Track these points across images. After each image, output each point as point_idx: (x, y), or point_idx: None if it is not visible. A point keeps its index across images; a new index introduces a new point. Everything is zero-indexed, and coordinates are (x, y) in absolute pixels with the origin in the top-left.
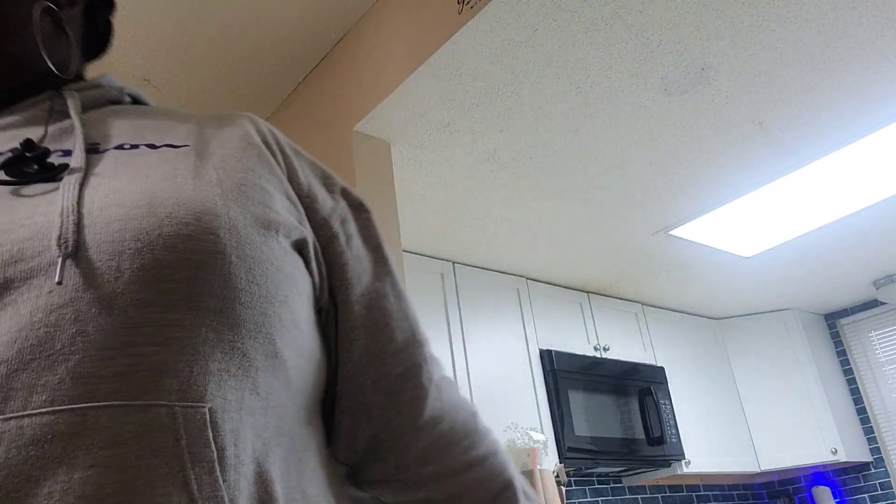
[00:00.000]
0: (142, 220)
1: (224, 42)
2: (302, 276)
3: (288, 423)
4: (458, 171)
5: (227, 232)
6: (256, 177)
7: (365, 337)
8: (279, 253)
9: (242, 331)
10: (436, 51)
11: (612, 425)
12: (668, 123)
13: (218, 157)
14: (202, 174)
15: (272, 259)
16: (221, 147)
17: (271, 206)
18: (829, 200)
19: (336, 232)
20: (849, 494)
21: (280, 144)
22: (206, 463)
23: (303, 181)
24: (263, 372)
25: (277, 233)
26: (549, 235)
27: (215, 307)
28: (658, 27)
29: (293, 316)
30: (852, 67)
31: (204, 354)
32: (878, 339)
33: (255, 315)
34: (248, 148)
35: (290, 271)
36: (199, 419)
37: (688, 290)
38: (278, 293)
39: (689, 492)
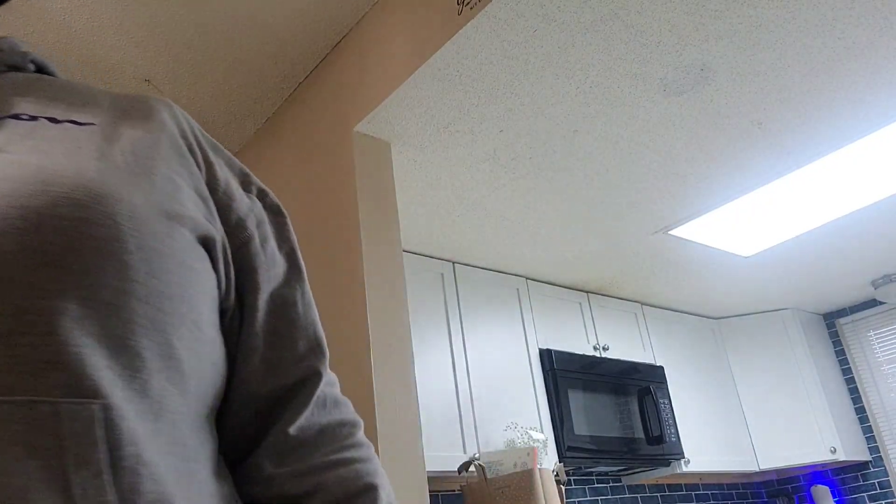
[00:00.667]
0: (31, 197)
1: (224, 42)
2: (207, 274)
3: (181, 430)
4: (458, 172)
5: (127, 219)
6: (166, 167)
7: (265, 345)
8: (184, 247)
9: (137, 328)
10: (436, 51)
11: (612, 424)
12: (668, 123)
13: (126, 140)
14: (107, 156)
15: (175, 253)
16: (132, 131)
17: (178, 199)
18: (828, 200)
19: (251, 234)
20: (847, 493)
21: (198, 138)
22: (92, 465)
23: (220, 178)
24: (158, 374)
25: (183, 226)
26: (549, 235)
27: (109, 299)
28: (657, 28)
29: (194, 315)
30: (851, 68)
31: (93, 348)
32: (876, 338)
33: (150, 311)
34: (162, 137)
35: (194, 267)
36: (87, 417)
37: (687, 290)
38: (179, 290)
39: (689, 491)
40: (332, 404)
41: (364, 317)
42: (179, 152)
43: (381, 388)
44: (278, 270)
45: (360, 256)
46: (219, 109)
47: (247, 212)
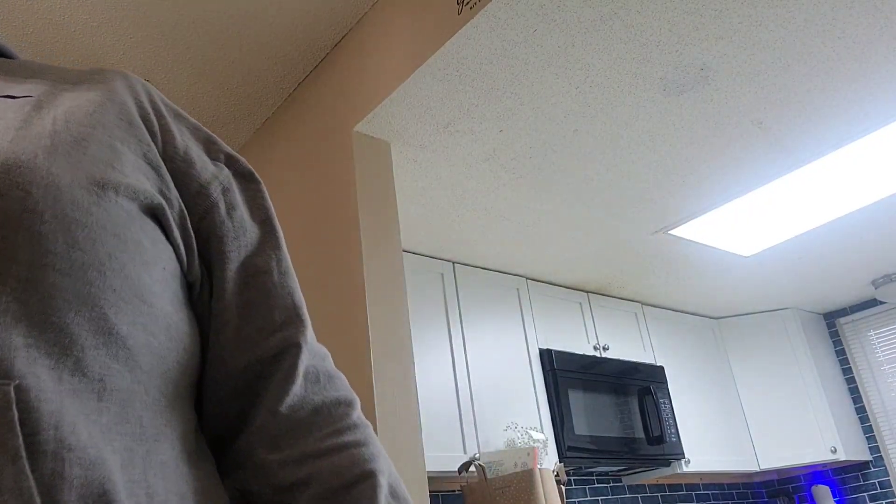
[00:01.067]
0: None
1: (224, 42)
2: (155, 245)
3: (135, 409)
4: (458, 171)
5: (42, 188)
6: (106, 134)
7: (238, 318)
8: (116, 216)
9: (59, 302)
10: (436, 51)
11: (612, 424)
12: (668, 123)
13: (63, 109)
14: (32, 125)
15: (104, 223)
16: (72, 100)
17: (115, 167)
18: (828, 200)
19: (215, 201)
20: (848, 493)
21: (156, 105)
22: (8, 451)
23: (179, 146)
24: (93, 350)
25: (117, 194)
26: (549, 235)
27: (21, 274)
28: (657, 27)
29: (135, 289)
30: (851, 67)
31: (7, 326)
32: (876, 338)
33: (75, 284)
34: (107, 104)
35: (132, 238)
36: (1, 398)
37: (687, 290)
38: (111, 261)
39: (689, 490)
40: (326, 379)
41: (364, 317)
42: (128, 120)
43: (381, 389)
44: (249, 238)
45: (360, 256)
46: (219, 109)
47: (209, 179)
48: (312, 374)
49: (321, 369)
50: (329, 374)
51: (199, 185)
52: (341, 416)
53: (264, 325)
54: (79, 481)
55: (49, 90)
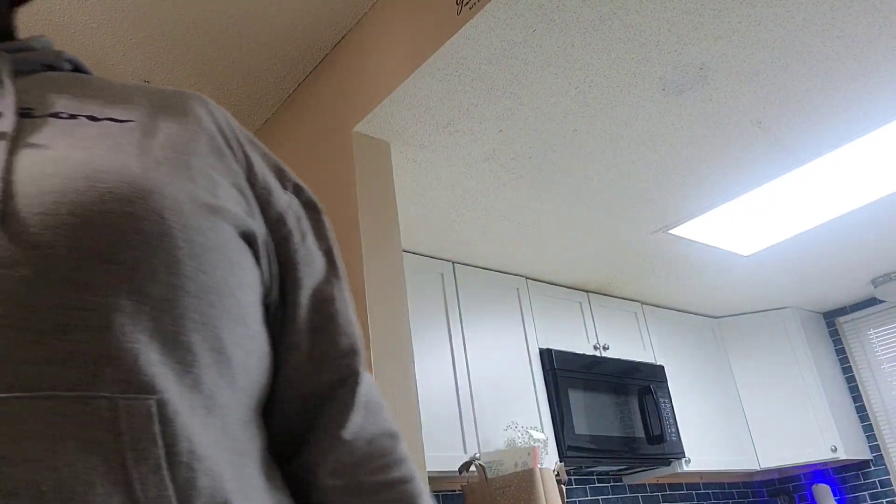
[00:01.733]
0: (80, 193)
1: (224, 43)
2: (250, 269)
3: (231, 424)
4: (457, 171)
5: (173, 214)
6: (202, 162)
7: (308, 342)
8: (227, 241)
9: (187, 322)
10: (435, 51)
11: (612, 424)
12: (667, 123)
13: (164, 136)
14: (148, 151)
15: (219, 247)
16: (169, 127)
17: (216, 194)
18: (828, 199)
19: (291, 229)
20: (849, 492)
21: (235, 132)
22: (151, 460)
23: (258, 173)
24: (208, 368)
25: (224, 220)
26: (549, 235)
27: (160, 294)
28: (656, 27)
29: (240, 310)
30: (850, 66)
31: (146, 343)
32: (876, 337)
33: (201, 306)
34: (199, 133)
35: (238, 262)
36: (145, 412)
37: (687, 289)
38: (225, 284)
39: (690, 490)
40: (377, 410)
41: (364, 317)
42: (216, 148)
43: (382, 389)
44: (317, 267)
45: (360, 256)
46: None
47: (285, 207)
48: (371, 403)
49: (374, 400)
50: (379, 404)
51: (277, 212)
52: (389, 449)
53: (330, 351)
54: (207, 491)
55: (145, 115)
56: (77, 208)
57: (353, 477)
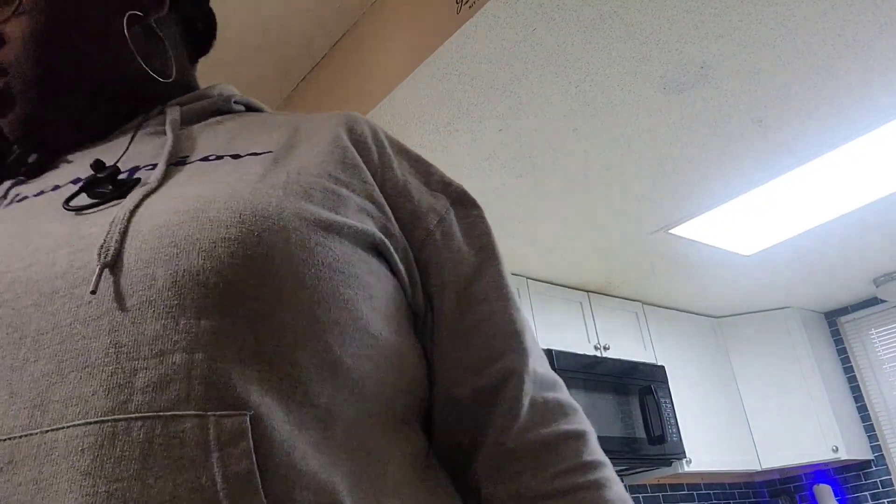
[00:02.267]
0: (182, 225)
1: (223, 43)
2: (379, 279)
3: (360, 435)
4: (457, 171)
5: (274, 233)
6: (332, 181)
7: (458, 348)
8: (342, 255)
9: (288, 337)
10: (435, 51)
11: (613, 424)
12: (668, 122)
13: (297, 162)
14: (269, 177)
15: (330, 262)
16: (307, 152)
17: (339, 211)
18: (829, 198)
19: (431, 231)
20: (850, 492)
21: (379, 143)
22: (242, 475)
23: (398, 179)
24: (320, 382)
25: (340, 235)
26: (549, 235)
27: (254, 312)
28: (657, 26)
29: (360, 322)
30: (851, 65)
31: (242, 361)
32: (878, 336)
33: (303, 321)
34: (333, 151)
35: (356, 274)
36: (235, 429)
37: (688, 289)
38: (336, 297)
39: (691, 490)
40: (556, 411)
41: None
42: (352, 163)
43: None
44: (466, 266)
45: None
46: None
47: (426, 210)
48: (540, 405)
49: (550, 400)
50: (560, 404)
51: (416, 217)
52: (573, 453)
53: (484, 354)
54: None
55: (286, 145)
56: (177, 239)
57: (517, 481)
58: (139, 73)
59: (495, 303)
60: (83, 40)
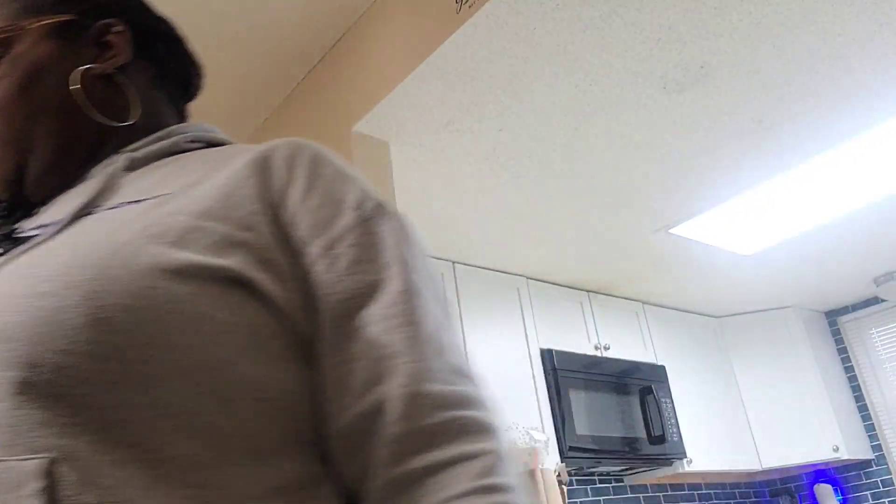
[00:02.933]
0: (20, 282)
1: (222, 43)
2: (236, 312)
3: (204, 471)
4: (457, 171)
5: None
6: (204, 218)
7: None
8: (184, 296)
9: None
10: (434, 50)
11: (614, 424)
12: (668, 121)
13: (183, 201)
14: (134, 225)
15: (167, 306)
16: (203, 188)
17: (197, 249)
18: (829, 198)
19: (321, 256)
20: (851, 492)
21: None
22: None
23: (296, 204)
24: (144, 422)
25: (185, 276)
26: (549, 235)
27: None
28: (657, 25)
29: (201, 362)
30: (850, 65)
31: (47, 409)
32: (878, 336)
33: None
34: (226, 185)
35: (203, 311)
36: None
37: (688, 289)
38: (170, 340)
39: (691, 490)
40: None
41: None
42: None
43: None
44: (361, 288)
45: None
46: (217, 109)
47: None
48: (432, 427)
49: (448, 419)
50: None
51: (308, 242)
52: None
53: (368, 378)
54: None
55: (194, 181)
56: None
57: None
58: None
59: (386, 322)
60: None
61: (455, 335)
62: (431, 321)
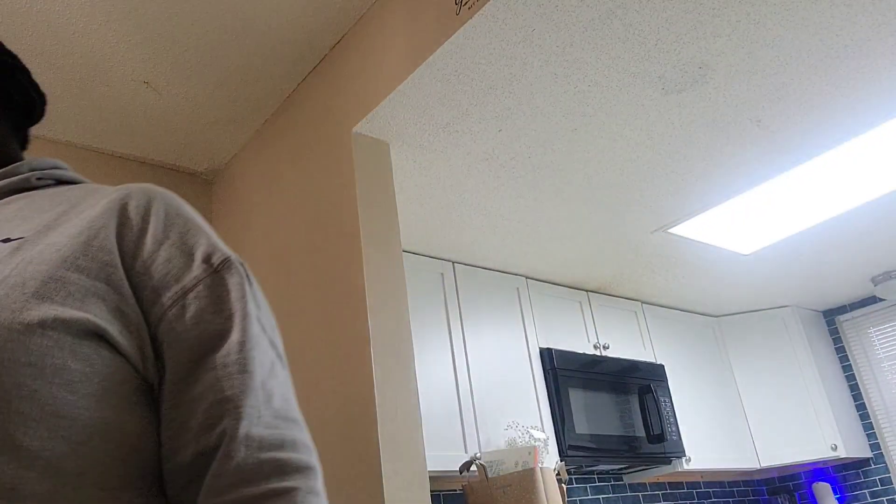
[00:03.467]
0: None
1: (223, 44)
2: (92, 362)
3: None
4: (457, 171)
5: None
6: (64, 267)
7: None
8: (38, 348)
9: None
10: (434, 51)
11: (613, 423)
12: (666, 122)
13: (38, 249)
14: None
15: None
16: (60, 234)
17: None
18: (827, 197)
19: (170, 307)
20: (849, 490)
21: (146, 219)
22: None
23: (148, 257)
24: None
25: (44, 328)
26: (549, 234)
27: None
28: (655, 26)
29: (49, 408)
30: (849, 64)
31: None
32: (876, 335)
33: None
34: (84, 233)
35: (56, 363)
36: None
37: (687, 288)
38: (19, 389)
39: (690, 489)
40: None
41: (364, 317)
42: (96, 246)
43: (382, 389)
44: (203, 337)
45: (360, 257)
46: (217, 110)
47: (170, 286)
48: (251, 465)
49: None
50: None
51: (157, 293)
52: None
53: (204, 421)
54: None
55: (48, 225)
56: None
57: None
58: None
59: (225, 369)
60: None
61: (284, 381)
62: (263, 371)
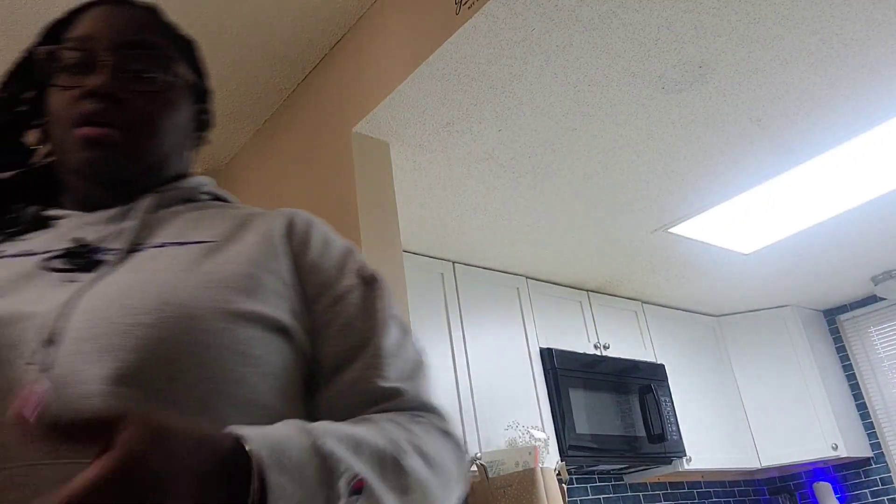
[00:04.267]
0: (108, 309)
1: (223, 44)
2: (280, 356)
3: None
4: (457, 171)
5: (184, 319)
6: (258, 270)
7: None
8: (245, 338)
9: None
10: (434, 51)
11: (613, 423)
12: (666, 121)
13: (233, 251)
14: (198, 268)
15: (229, 343)
16: (244, 242)
17: (255, 296)
18: (828, 197)
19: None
20: (849, 490)
21: (308, 234)
22: None
23: (313, 260)
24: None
25: (247, 320)
26: (549, 234)
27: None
28: (655, 26)
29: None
30: (848, 64)
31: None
32: (877, 334)
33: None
34: (263, 242)
35: (258, 353)
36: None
37: (687, 288)
38: (231, 374)
39: (691, 488)
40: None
41: None
42: (274, 252)
43: None
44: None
45: None
46: (218, 110)
47: (331, 286)
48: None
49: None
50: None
51: (322, 291)
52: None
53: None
54: None
55: (230, 234)
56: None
57: None
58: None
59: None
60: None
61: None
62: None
